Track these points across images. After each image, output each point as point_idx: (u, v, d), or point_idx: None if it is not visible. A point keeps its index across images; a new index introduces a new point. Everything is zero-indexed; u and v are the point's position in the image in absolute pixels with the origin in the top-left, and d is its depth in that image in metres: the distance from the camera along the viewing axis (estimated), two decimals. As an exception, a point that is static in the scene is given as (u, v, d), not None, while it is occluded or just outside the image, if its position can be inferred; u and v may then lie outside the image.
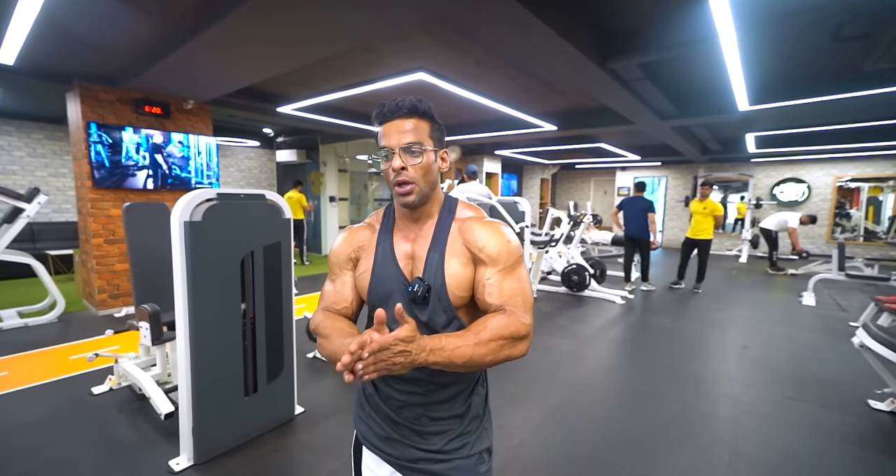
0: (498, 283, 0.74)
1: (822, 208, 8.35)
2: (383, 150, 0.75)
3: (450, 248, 0.77)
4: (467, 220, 0.79)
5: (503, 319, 0.69)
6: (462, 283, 0.75)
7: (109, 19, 2.51)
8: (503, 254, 0.75)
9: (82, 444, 1.86)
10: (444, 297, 0.74)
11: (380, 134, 0.76)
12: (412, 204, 0.76)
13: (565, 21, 2.46)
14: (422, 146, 0.74)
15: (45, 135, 5.85)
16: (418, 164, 0.74)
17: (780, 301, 4.84)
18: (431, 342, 0.62)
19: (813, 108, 3.97)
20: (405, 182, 0.73)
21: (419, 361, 0.61)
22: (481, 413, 0.87)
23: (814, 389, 2.52)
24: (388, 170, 0.74)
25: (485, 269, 0.75)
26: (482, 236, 0.76)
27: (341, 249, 0.85)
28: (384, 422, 0.84)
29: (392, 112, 0.74)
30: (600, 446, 1.94)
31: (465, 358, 0.64)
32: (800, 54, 3.09)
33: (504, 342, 0.67)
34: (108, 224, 3.85)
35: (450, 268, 0.75)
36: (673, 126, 5.21)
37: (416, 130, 0.74)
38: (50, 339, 3.18)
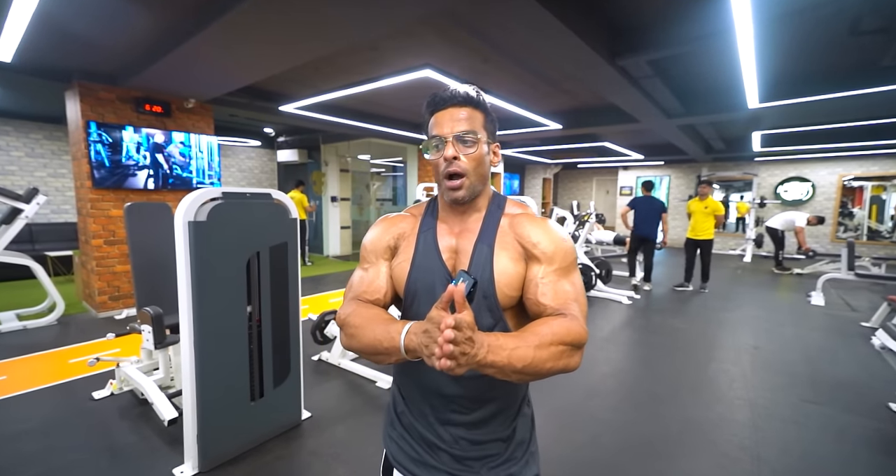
0: (553, 283, 0.68)
1: (827, 207, 8.30)
2: (434, 139, 0.70)
3: (500, 242, 0.71)
4: (518, 216, 0.74)
5: (565, 322, 0.62)
6: (512, 280, 0.69)
7: (108, 16, 2.45)
8: (559, 252, 0.70)
9: (83, 452, 1.80)
10: (490, 294, 0.68)
11: (431, 123, 0.72)
12: (461, 199, 0.70)
13: (576, 16, 2.41)
14: (476, 136, 0.69)
15: (44, 134, 5.79)
16: (472, 155, 0.69)
17: (788, 301, 4.78)
18: (489, 338, 0.54)
19: (824, 105, 3.92)
20: (456, 174, 0.69)
21: (479, 358, 0.52)
22: (528, 437, 0.79)
23: (832, 392, 2.46)
24: (439, 160, 0.69)
25: (538, 266, 0.69)
26: (537, 232, 0.71)
27: (380, 236, 0.78)
28: (418, 443, 0.76)
29: (446, 100, 0.70)
30: (614, 452, 1.89)
31: (526, 361, 0.56)
32: (815, 49, 3.04)
33: (565, 348, 0.60)
34: (109, 225, 3.79)
35: (500, 262, 0.69)
36: (679, 124, 5.16)
37: (470, 119, 0.69)
38: (49, 342, 3.12)
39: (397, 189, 9.07)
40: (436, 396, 0.72)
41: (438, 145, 0.69)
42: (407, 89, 4.02)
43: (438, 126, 0.70)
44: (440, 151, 0.69)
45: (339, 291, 4.94)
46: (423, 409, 0.74)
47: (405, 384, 0.78)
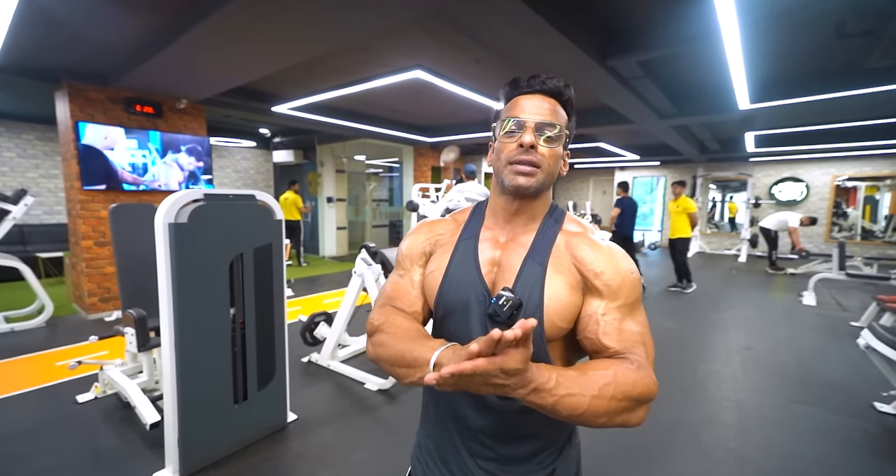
0: (617, 321, 0.59)
1: (821, 207, 8.33)
2: (512, 120, 0.61)
3: (554, 263, 0.61)
4: (578, 235, 0.64)
5: (633, 373, 0.53)
6: (566, 309, 0.59)
7: (96, 15, 2.43)
8: (626, 286, 0.60)
9: (65, 456, 1.79)
10: (537, 321, 0.57)
11: (511, 103, 0.63)
12: (528, 189, 0.61)
13: (566, 17, 2.41)
14: (560, 131, 0.61)
15: (36, 135, 5.76)
16: (552, 149, 0.61)
17: (780, 301, 4.79)
18: (542, 377, 0.47)
19: (813, 107, 3.93)
20: (530, 162, 0.60)
21: (513, 395, 0.47)
22: (573, 474, 0.69)
23: (819, 392, 2.47)
24: (511, 144, 0.60)
25: (599, 301, 0.59)
26: (600, 259, 0.61)
27: (416, 240, 0.71)
28: (442, 472, 0.68)
29: (532, 84, 0.62)
30: (600, 453, 1.88)
31: (578, 411, 0.49)
32: (802, 51, 3.05)
33: (629, 403, 0.52)
34: (99, 226, 3.77)
35: (552, 286, 0.59)
36: (672, 125, 5.16)
37: (555, 113, 0.62)
38: (37, 344, 3.10)
39: (393, 190, 9.06)
40: (462, 426, 0.65)
41: (516, 128, 0.60)
42: (400, 90, 4.01)
43: (520, 109, 0.61)
44: (515, 136, 0.60)
45: (334, 292, 4.93)
46: (450, 437, 0.67)
47: (432, 406, 0.71)
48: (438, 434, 0.69)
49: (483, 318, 0.61)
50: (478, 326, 0.61)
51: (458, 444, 0.66)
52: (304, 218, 7.01)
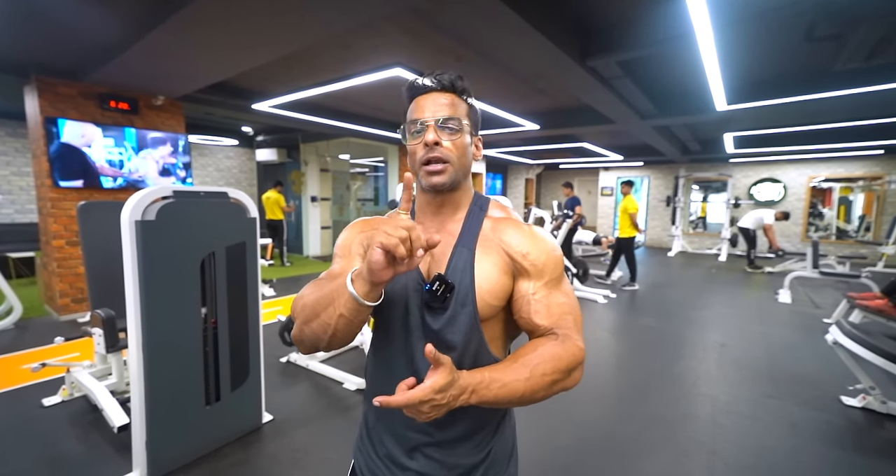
0: (545, 298, 0.63)
1: (797, 207, 8.57)
2: (415, 123, 0.64)
3: (482, 247, 0.65)
4: (503, 220, 0.68)
5: (558, 349, 0.58)
6: (496, 289, 0.63)
7: (68, 5, 2.36)
8: (549, 263, 0.64)
9: (28, 461, 1.73)
10: (469, 302, 0.61)
11: (411, 108, 0.67)
12: (442, 185, 0.64)
13: (543, 15, 2.42)
14: (460, 122, 0.64)
15: (7, 131, 5.56)
16: (455, 142, 0.64)
17: (757, 299, 4.91)
18: (473, 379, 0.52)
19: (788, 108, 4.04)
20: (438, 160, 0.63)
21: (459, 404, 0.52)
22: (506, 456, 0.72)
23: (789, 387, 2.54)
24: (418, 146, 0.64)
25: (528, 281, 0.64)
26: (524, 241, 0.65)
27: (350, 235, 0.73)
28: (384, 462, 0.70)
29: (426, 86, 0.65)
30: (579, 449, 1.90)
31: (516, 396, 0.54)
32: (775, 54, 3.13)
33: (560, 375, 0.57)
34: (71, 225, 3.65)
35: (482, 268, 0.63)
36: (653, 125, 5.25)
37: (453, 106, 0.65)
38: (4, 346, 2.99)
39: (378, 189, 9.01)
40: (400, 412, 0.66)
41: (418, 130, 0.64)
42: (381, 88, 3.99)
43: (419, 110, 0.65)
44: (420, 136, 0.64)
45: (315, 292, 4.87)
46: (391, 426, 0.69)
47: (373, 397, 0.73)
48: (381, 425, 0.71)
49: (420, 304, 0.63)
50: (416, 313, 0.64)
51: (398, 432, 0.68)
52: (288, 217, 6.92)
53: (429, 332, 0.63)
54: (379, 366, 0.70)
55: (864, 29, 2.31)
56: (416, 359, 0.64)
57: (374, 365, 0.72)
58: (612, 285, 5.46)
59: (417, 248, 0.49)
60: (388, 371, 0.68)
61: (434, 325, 0.62)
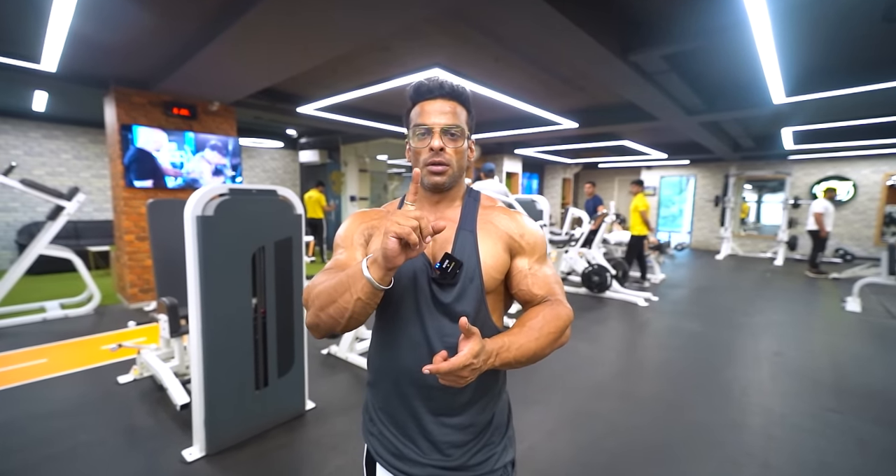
0: (538, 272, 0.75)
1: (870, 208, 7.76)
2: (420, 127, 0.71)
3: (482, 230, 0.74)
4: (495, 209, 0.79)
5: (554, 310, 0.69)
6: (499, 264, 0.73)
7: (133, 25, 2.62)
8: (539, 242, 0.76)
9: (105, 431, 1.94)
10: (477, 277, 0.70)
11: (415, 111, 0.73)
12: (442, 185, 0.73)
13: (584, 12, 2.38)
14: (461, 130, 0.72)
15: (89, 138, 6.22)
16: (457, 148, 0.72)
17: (820, 306, 4.51)
18: (496, 344, 0.62)
19: (859, 99, 3.68)
20: (440, 163, 0.71)
21: (487, 367, 0.60)
22: (505, 421, 0.80)
23: (859, 402, 2.32)
24: (423, 149, 0.71)
25: (524, 258, 0.75)
26: (519, 224, 0.76)
27: (351, 226, 0.79)
28: (396, 437, 0.76)
29: (432, 90, 0.72)
30: (618, 454, 1.85)
31: (529, 354, 0.64)
32: (844, 38, 2.87)
33: (559, 333, 0.68)
34: (140, 221, 4.03)
35: (485, 246, 0.72)
36: (701, 122, 4.97)
37: (456, 114, 0.72)
38: (86, 329, 3.36)
39: (415, 189, 9.14)
40: (413, 386, 0.72)
41: (424, 134, 0.71)
42: (419, 90, 4.07)
43: (425, 115, 0.71)
44: (426, 140, 0.71)
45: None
46: (400, 401, 0.74)
47: (382, 376, 0.78)
48: (390, 402, 0.76)
49: (428, 281, 0.71)
50: (425, 289, 0.71)
51: (407, 405, 0.73)
52: (328, 216, 7.20)
53: (440, 306, 0.70)
54: (388, 342, 0.75)
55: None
56: (428, 328, 0.70)
57: (383, 341, 0.76)
58: (652, 287, 5.23)
59: (426, 234, 0.56)
60: (401, 344, 0.72)
61: (445, 298, 0.69)
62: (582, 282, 4.87)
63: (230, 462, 1.73)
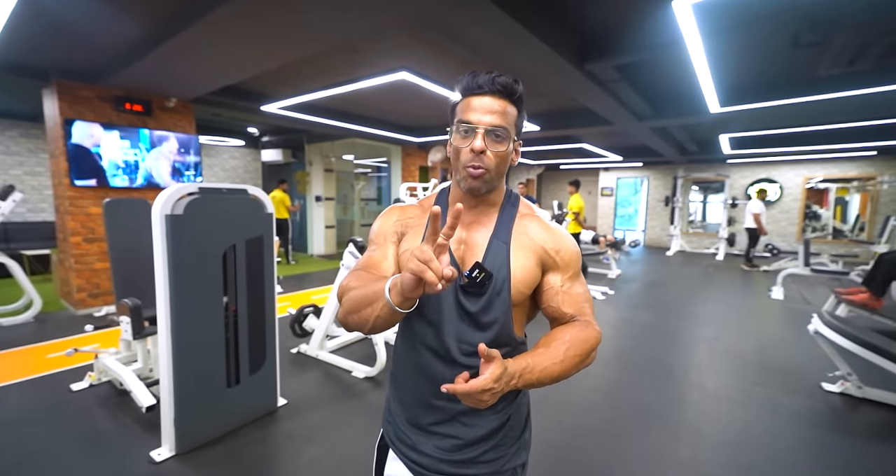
0: (570, 290, 0.72)
1: (793, 208, 8.70)
2: (464, 124, 0.66)
3: (516, 241, 0.71)
4: (533, 218, 0.75)
5: (582, 332, 0.67)
6: (528, 279, 0.70)
7: (89, 15, 2.50)
8: (574, 258, 0.73)
9: (63, 439, 1.87)
10: (505, 290, 0.68)
11: (461, 105, 0.68)
12: (479, 190, 0.69)
13: (542, 22, 2.56)
14: (508, 133, 0.67)
15: (20, 132, 5.72)
16: (499, 152, 0.67)
17: (751, 296, 5.04)
18: (518, 365, 0.60)
19: (780, 111, 4.17)
20: (479, 166, 0.66)
21: (509, 389, 0.59)
22: (522, 424, 0.79)
23: (775, 376, 2.67)
24: (465, 148, 0.66)
25: (556, 275, 0.72)
26: (555, 238, 0.73)
27: (387, 220, 0.77)
28: (410, 429, 0.76)
29: (482, 86, 0.66)
30: (578, 431, 2.03)
31: (553, 377, 0.63)
32: (764, 59, 3.26)
33: (585, 356, 0.66)
34: (88, 222, 3.80)
35: (517, 260, 0.69)
36: (651, 127, 5.38)
37: (505, 114, 0.67)
38: (26, 338, 3.13)
39: (381, 189, 9.14)
40: (431, 383, 0.71)
41: (468, 132, 0.66)
42: (387, 91, 4.13)
43: (471, 112, 0.66)
44: (468, 139, 0.66)
45: (322, 289, 5.01)
46: (416, 397, 0.75)
47: (401, 371, 0.79)
48: (410, 398, 0.77)
49: (455, 289, 0.69)
50: (450, 297, 0.70)
51: (424, 400, 0.73)
52: (293, 216, 7.06)
53: (464, 313, 0.69)
54: (410, 339, 0.75)
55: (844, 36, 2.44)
56: (448, 332, 0.70)
57: (405, 338, 0.77)
58: (609, 282, 5.59)
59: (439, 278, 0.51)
60: (421, 344, 0.73)
61: (471, 308, 0.68)
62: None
63: (202, 459, 1.73)
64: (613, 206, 11.06)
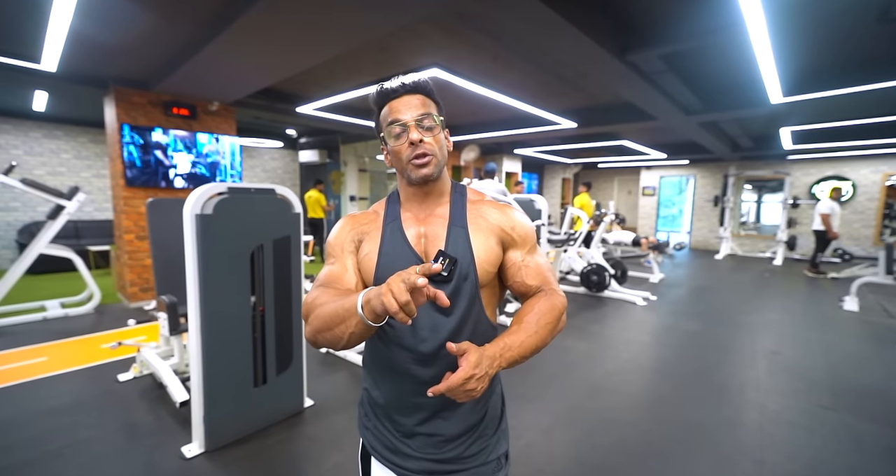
0: (531, 262, 0.75)
1: (869, 208, 7.77)
2: (395, 125, 0.70)
3: (473, 225, 0.74)
4: (483, 202, 0.78)
5: (548, 301, 0.70)
6: (492, 257, 0.73)
7: (133, 26, 2.63)
8: (529, 233, 0.77)
9: (106, 428, 1.96)
10: (471, 273, 0.70)
11: (385, 112, 0.72)
12: (431, 175, 0.71)
13: (581, 11, 2.40)
14: (435, 119, 0.71)
15: (89, 138, 6.24)
16: (436, 137, 0.71)
17: (817, 305, 4.53)
18: (497, 347, 0.62)
19: (856, 99, 3.70)
20: (424, 154, 0.70)
21: (493, 372, 0.61)
22: (499, 413, 0.81)
23: (854, 400, 2.34)
24: (403, 146, 0.70)
25: (516, 250, 0.75)
26: (509, 217, 0.76)
27: (342, 232, 0.78)
28: (391, 432, 0.77)
29: (396, 89, 0.71)
30: (614, 451, 1.87)
31: (532, 348, 0.65)
32: (840, 39, 2.88)
33: (555, 322, 0.69)
34: (139, 221, 4.05)
35: (478, 241, 0.72)
36: (699, 121, 4.98)
37: (426, 105, 0.72)
38: (86, 328, 3.38)
39: (414, 189, 9.17)
40: (408, 382, 0.72)
41: (399, 132, 0.70)
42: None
43: (396, 112, 0.70)
44: (403, 137, 0.69)
45: (353, 288, 5.06)
46: (395, 396, 0.75)
47: (377, 372, 0.79)
48: (385, 397, 0.76)
49: None
50: None
51: (402, 400, 0.74)
52: (328, 216, 7.22)
53: (432, 305, 0.68)
54: (382, 339, 0.74)
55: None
56: (423, 326, 0.70)
57: (377, 338, 0.75)
58: (651, 287, 5.24)
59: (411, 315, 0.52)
60: (395, 341, 0.72)
61: None
62: (581, 281, 4.89)
63: (229, 458, 1.75)
64: (656, 207, 10.44)
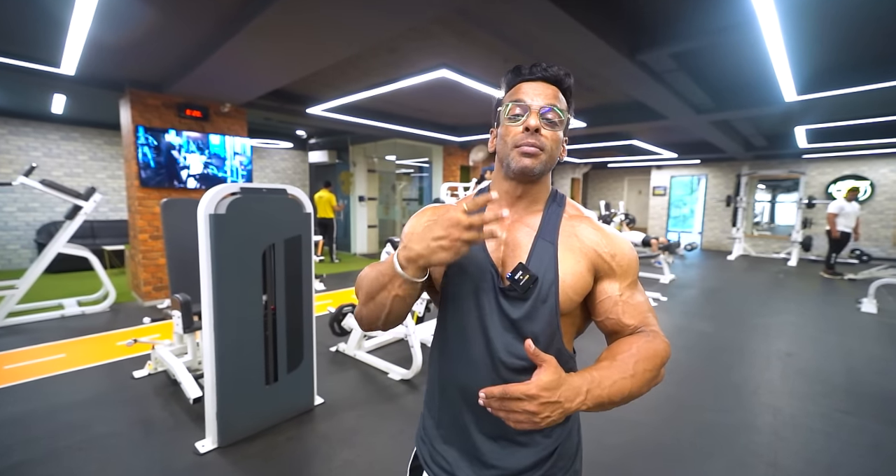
0: (630, 299, 0.65)
1: (889, 208, 7.58)
2: (517, 104, 0.62)
3: (564, 242, 0.64)
4: (582, 219, 0.67)
5: (651, 344, 0.60)
6: (579, 285, 0.62)
7: (147, 29, 2.69)
8: (633, 265, 0.66)
9: (121, 424, 2.00)
10: (552, 297, 0.61)
11: (511, 91, 0.65)
12: (533, 170, 0.62)
13: (590, 11, 2.38)
14: (562, 116, 0.63)
15: (105, 140, 6.38)
16: (553, 134, 0.63)
17: (834, 307, 4.43)
18: (584, 379, 0.53)
19: (874, 96, 3.61)
20: (534, 144, 0.61)
21: (573, 408, 0.51)
22: (573, 451, 0.71)
23: (870, 404, 2.28)
24: (517, 128, 0.62)
25: (613, 282, 0.64)
26: (610, 242, 0.65)
27: (419, 221, 0.73)
28: (450, 452, 0.69)
29: (534, 71, 0.64)
30: (626, 452, 1.85)
31: (625, 394, 0.55)
32: (855, 36, 2.82)
33: (656, 371, 0.59)
34: (153, 221, 4.13)
35: (566, 263, 0.62)
36: (711, 120, 4.91)
37: (558, 99, 0.64)
38: (102, 326, 3.46)
39: (423, 189, 9.19)
40: (467, 403, 0.65)
41: (520, 113, 0.62)
42: (428, 90, 4.10)
43: (524, 93, 0.63)
44: (520, 120, 0.62)
45: (361, 287, 5.09)
46: (459, 414, 0.67)
47: (437, 387, 0.72)
48: (445, 415, 0.70)
49: (494, 292, 0.63)
50: (488, 301, 0.63)
51: (467, 421, 0.66)
52: (337, 216, 7.28)
53: (506, 320, 0.62)
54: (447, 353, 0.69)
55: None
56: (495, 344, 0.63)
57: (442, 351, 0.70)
58: (662, 288, 5.18)
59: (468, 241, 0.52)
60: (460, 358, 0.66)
61: (513, 314, 0.62)
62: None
63: (241, 454, 1.77)
64: (666, 207, 10.31)
